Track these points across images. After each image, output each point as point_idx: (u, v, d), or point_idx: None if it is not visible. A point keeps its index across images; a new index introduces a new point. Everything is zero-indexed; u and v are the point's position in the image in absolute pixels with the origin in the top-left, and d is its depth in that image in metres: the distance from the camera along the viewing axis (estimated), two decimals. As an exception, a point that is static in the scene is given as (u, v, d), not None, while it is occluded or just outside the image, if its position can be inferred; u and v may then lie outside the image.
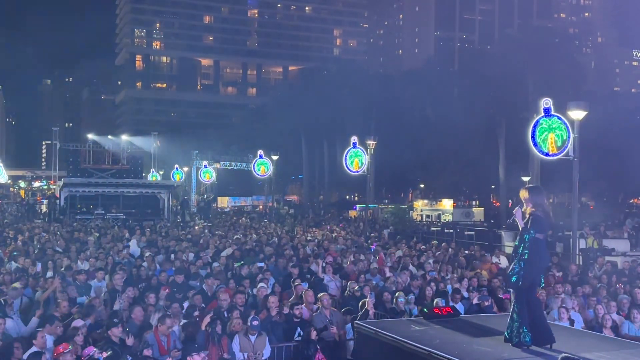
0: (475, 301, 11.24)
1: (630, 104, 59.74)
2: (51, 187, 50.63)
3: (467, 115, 44.56)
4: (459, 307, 10.63)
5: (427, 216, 52.08)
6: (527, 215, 6.82)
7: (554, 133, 16.46)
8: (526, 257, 6.72)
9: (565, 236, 20.91)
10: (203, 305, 10.35)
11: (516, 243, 6.98)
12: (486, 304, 11.11)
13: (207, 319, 8.74)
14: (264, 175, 41.52)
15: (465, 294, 11.82)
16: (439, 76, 54.12)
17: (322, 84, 60.48)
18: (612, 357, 6.45)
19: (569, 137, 16.34)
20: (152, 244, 18.90)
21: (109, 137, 53.68)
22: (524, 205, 6.89)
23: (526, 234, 6.73)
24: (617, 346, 7.29)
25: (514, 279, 6.81)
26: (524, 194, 6.93)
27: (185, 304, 10.27)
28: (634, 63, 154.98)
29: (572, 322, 9.92)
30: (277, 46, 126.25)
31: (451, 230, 31.11)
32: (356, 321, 8.62)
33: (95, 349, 7.36)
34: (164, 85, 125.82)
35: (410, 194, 69.82)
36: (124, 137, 55.24)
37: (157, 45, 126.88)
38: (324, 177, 59.93)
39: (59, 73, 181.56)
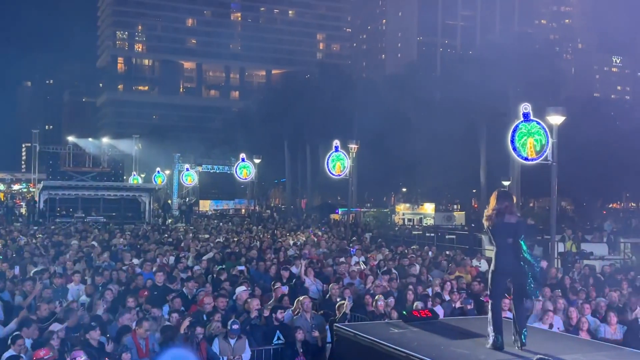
0: (458, 304, 11.31)
1: (610, 109, 60.58)
2: (31, 190, 50.12)
3: (449, 119, 44.87)
4: (440, 310, 10.70)
5: (409, 220, 52.21)
6: (485, 221, 6.93)
7: (533, 138, 16.61)
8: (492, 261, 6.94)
9: (544, 240, 21.13)
10: (183, 308, 10.31)
11: None
12: (468, 307, 11.20)
13: (186, 322, 8.72)
14: (246, 179, 41.43)
15: (446, 297, 11.90)
16: (422, 81, 54.44)
17: (305, 87, 60.55)
18: (587, 359, 6.52)
19: (547, 142, 16.50)
20: (133, 247, 18.79)
21: (90, 139, 53.18)
22: (488, 209, 6.96)
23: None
24: (593, 348, 7.38)
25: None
26: (491, 199, 7.00)
27: (165, 308, 10.23)
28: (614, 69, 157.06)
29: (550, 325, 10.01)
30: (260, 50, 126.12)
31: (432, 234, 31.27)
32: (335, 324, 8.63)
33: (83, 353, 7.27)
34: (146, 88, 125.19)
35: (392, 198, 70.10)
36: (105, 140, 54.80)
37: (139, 47, 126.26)
38: (307, 180, 59.94)
39: (39, 75, 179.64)
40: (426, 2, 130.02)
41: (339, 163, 28.24)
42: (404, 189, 66.17)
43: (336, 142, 28.36)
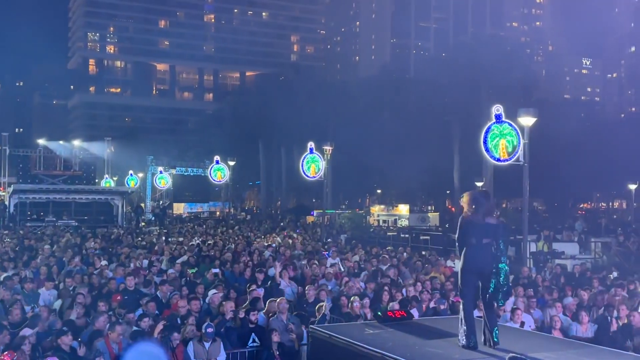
0: (432, 305, 11.39)
1: (580, 110, 61.54)
2: (0, 193, 49.28)
3: (422, 121, 45.20)
4: (414, 310, 10.76)
5: (384, 221, 52.43)
6: (460, 220, 7.01)
7: (505, 139, 16.82)
8: (461, 258, 6.98)
9: (516, 240, 21.37)
10: (157, 312, 10.22)
11: None
12: (442, 307, 11.29)
13: (160, 326, 8.65)
14: (220, 181, 41.27)
15: (419, 297, 11.97)
16: (396, 83, 54.77)
17: (280, 89, 60.48)
18: (558, 357, 6.61)
19: (519, 143, 16.71)
20: (105, 251, 18.59)
21: (61, 142, 52.39)
22: (464, 210, 7.04)
23: (455, 237, 6.99)
24: (565, 346, 7.48)
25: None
26: (464, 199, 7.08)
27: (139, 312, 10.13)
28: (584, 71, 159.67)
29: (522, 323, 10.13)
30: (234, 51, 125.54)
31: (407, 235, 31.41)
32: (310, 326, 8.64)
33: (57, 359, 7.18)
34: (118, 90, 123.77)
35: (367, 200, 70.34)
36: (77, 143, 54.04)
37: (110, 49, 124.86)
38: (282, 182, 59.86)
39: (8, 76, 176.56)
40: (399, 5, 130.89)
41: (313, 165, 28.27)
42: (379, 191, 66.46)
43: (311, 144, 28.38)
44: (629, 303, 11.30)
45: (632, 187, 38.25)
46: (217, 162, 39.90)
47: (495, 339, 6.86)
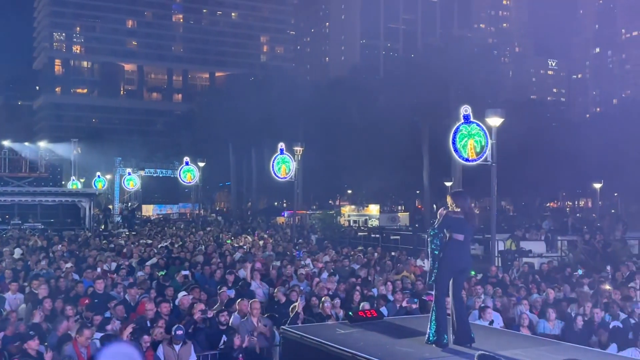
0: (404, 304, 11.46)
1: (546, 111, 62.60)
2: (-37, 196, 48.10)
3: (392, 121, 45.47)
4: (383, 309, 10.82)
5: (355, 221, 52.64)
6: (439, 216, 7.09)
7: (473, 139, 17.00)
8: (436, 253, 6.98)
9: (485, 239, 21.63)
10: (125, 315, 10.11)
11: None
12: (413, 306, 11.36)
13: (129, 329, 8.56)
14: (190, 183, 40.95)
15: (391, 297, 12.04)
16: (365, 83, 55.04)
17: (250, 90, 60.27)
18: (527, 354, 6.71)
19: (487, 143, 16.90)
20: (72, 254, 18.30)
21: (26, 144, 51.42)
22: (449, 208, 7.13)
23: (431, 232, 7.05)
24: (533, 343, 7.60)
25: (427, 277, 7.21)
26: (448, 198, 7.20)
27: (107, 315, 10.00)
28: (550, 72, 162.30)
29: (491, 321, 10.25)
30: (203, 52, 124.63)
31: (377, 235, 31.56)
32: (282, 327, 8.63)
33: None
34: (85, 90, 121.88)
35: (338, 200, 70.47)
36: (42, 144, 53.10)
37: (77, 49, 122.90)
38: (252, 183, 59.66)
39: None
40: (368, 6, 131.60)
41: (284, 166, 28.23)
42: (349, 191, 66.65)
43: (281, 145, 28.33)
44: (593, 300, 11.52)
45: (597, 186, 38.99)
46: (187, 163, 39.58)
47: (472, 335, 6.96)
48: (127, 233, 30.46)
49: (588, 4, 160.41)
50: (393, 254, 19.96)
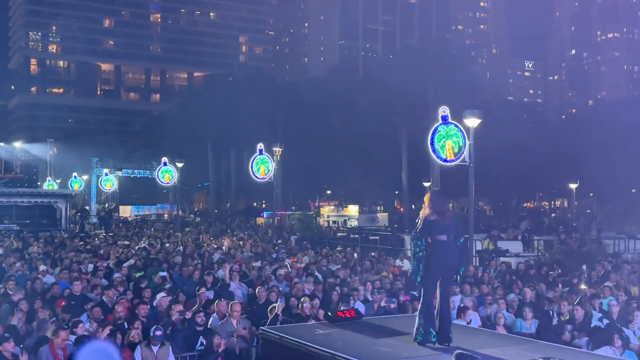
0: (382, 304, 11.50)
1: (523, 112, 63.21)
2: (-63, 197, 47.28)
3: (371, 122, 45.58)
4: (358, 303, 10.86)
5: (334, 222, 52.73)
6: (420, 218, 7.13)
7: (451, 140, 17.12)
8: (420, 255, 7.02)
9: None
10: (102, 317, 10.01)
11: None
12: (392, 306, 11.41)
13: (106, 331, 8.49)
14: (168, 183, 40.68)
15: (369, 297, 12.08)
16: (344, 84, 55.08)
17: (228, 90, 60.00)
18: (503, 353, 6.78)
19: (465, 144, 17.04)
20: (48, 256, 18.09)
21: (1, 144, 50.73)
22: (425, 208, 7.18)
23: (414, 234, 7.10)
24: (509, 342, 7.68)
25: (412, 277, 7.30)
26: (426, 197, 7.24)
27: (84, 317, 9.90)
28: (526, 73, 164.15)
29: (469, 321, 10.33)
30: (181, 52, 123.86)
31: (357, 236, 31.61)
32: (261, 327, 8.62)
33: None
34: (61, 90, 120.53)
35: (317, 201, 70.51)
36: (18, 144, 52.45)
37: (53, 48, 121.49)
38: (231, 184, 59.43)
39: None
40: (347, 7, 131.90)
41: (263, 166, 28.18)
42: (329, 192, 66.72)
43: (260, 145, 28.28)
44: (570, 298, 11.65)
45: (573, 186, 39.44)
46: (165, 164, 39.33)
47: (450, 335, 7.03)
48: (104, 234, 30.20)
49: (564, 6, 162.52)
50: (372, 254, 20.03)
